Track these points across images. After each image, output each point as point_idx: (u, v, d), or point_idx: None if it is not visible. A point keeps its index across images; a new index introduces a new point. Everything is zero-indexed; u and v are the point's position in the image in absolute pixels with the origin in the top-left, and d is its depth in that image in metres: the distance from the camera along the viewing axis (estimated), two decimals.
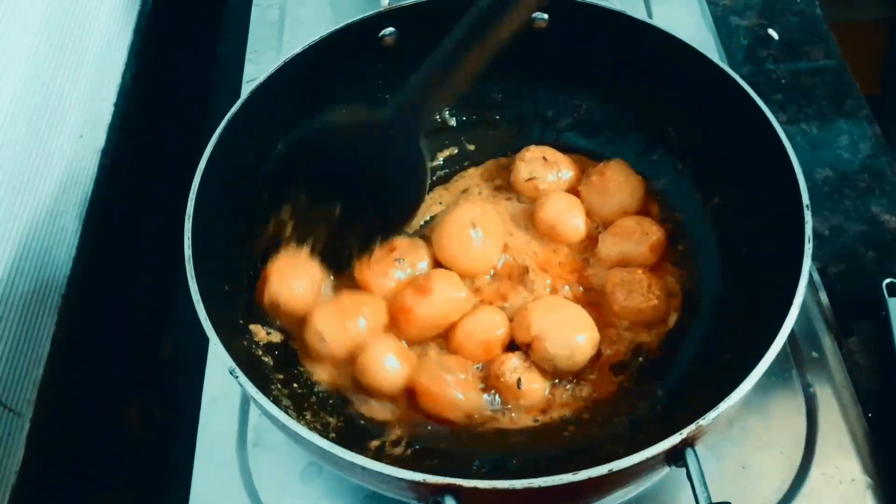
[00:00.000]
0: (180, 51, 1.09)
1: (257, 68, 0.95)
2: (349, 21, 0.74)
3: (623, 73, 0.79)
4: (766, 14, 1.06)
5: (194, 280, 0.58)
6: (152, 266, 0.86)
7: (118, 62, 0.96)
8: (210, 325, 0.56)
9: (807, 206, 0.60)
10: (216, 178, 0.65)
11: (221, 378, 0.72)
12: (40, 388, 0.72)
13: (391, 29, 0.76)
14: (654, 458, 0.50)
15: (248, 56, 1.01)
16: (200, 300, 0.57)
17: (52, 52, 0.81)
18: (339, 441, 0.51)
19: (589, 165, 0.80)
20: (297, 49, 0.72)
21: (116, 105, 0.93)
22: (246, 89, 0.70)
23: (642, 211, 0.76)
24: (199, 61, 1.11)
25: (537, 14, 0.77)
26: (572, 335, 0.66)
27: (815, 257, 0.86)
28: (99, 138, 0.90)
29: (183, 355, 0.82)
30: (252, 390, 0.53)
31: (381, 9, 0.75)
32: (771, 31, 1.04)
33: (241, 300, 0.68)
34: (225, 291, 0.66)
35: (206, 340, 0.56)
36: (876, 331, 0.80)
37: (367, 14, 0.74)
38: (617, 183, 0.76)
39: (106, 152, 0.89)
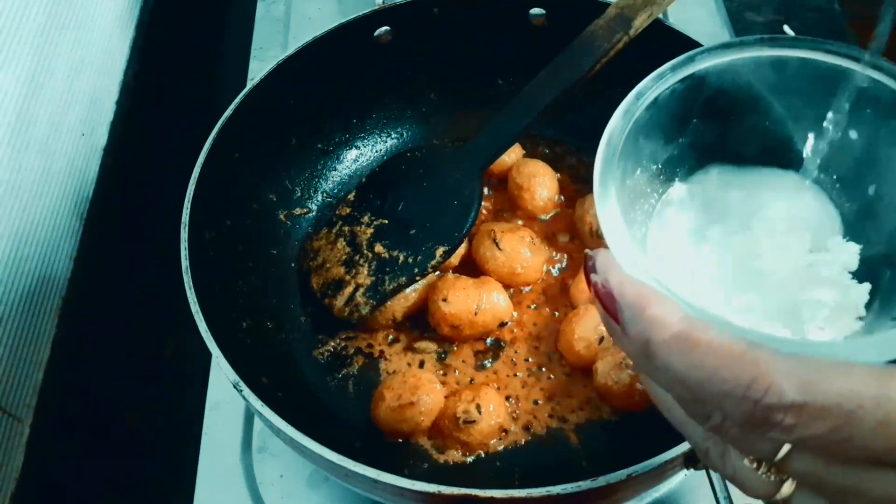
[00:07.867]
0: (183, 48, 1.08)
1: (262, 65, 0.94)
2: (342, 21, 0.74)
3: (624, 71, 0.76)
4: (782, 10, 1.04)
5: (192, 290, 0.56)
6: (155, 267, 0.84)
7: (120, 59, 0.95)
8: (211, 338, 0.54)
9: None
10: (214, 184, 0.64)
11: (226, 382, 0.70)
12: (40, 392, 0.71)
13: (386, 28, 0.76)
14: (672, 460, 0.49)
15: (253, 53, 1.00)
16: (200, 311, 0.55)
17: (52, 50, 0.80)
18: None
19: None
20: (290, 51, 0.72)
21: (118, 103, 0.92)
22: (250, 87, 0.69)
23: None
24: (203, 58, 1.10)
25: (535, 10, 0.76)
26: None
27: None
28: (101, 137, 0.89)
29: (186, 358, 0.81)
30: (258, 404, 0.52)
31: (375, 7, 0.75)
32: (787, 28, 1.02)
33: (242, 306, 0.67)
34: (226, 297, 0.65)
35: None
36: None
37: (360, 13, 0.75)
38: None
39: (108, 151, 0.88)
